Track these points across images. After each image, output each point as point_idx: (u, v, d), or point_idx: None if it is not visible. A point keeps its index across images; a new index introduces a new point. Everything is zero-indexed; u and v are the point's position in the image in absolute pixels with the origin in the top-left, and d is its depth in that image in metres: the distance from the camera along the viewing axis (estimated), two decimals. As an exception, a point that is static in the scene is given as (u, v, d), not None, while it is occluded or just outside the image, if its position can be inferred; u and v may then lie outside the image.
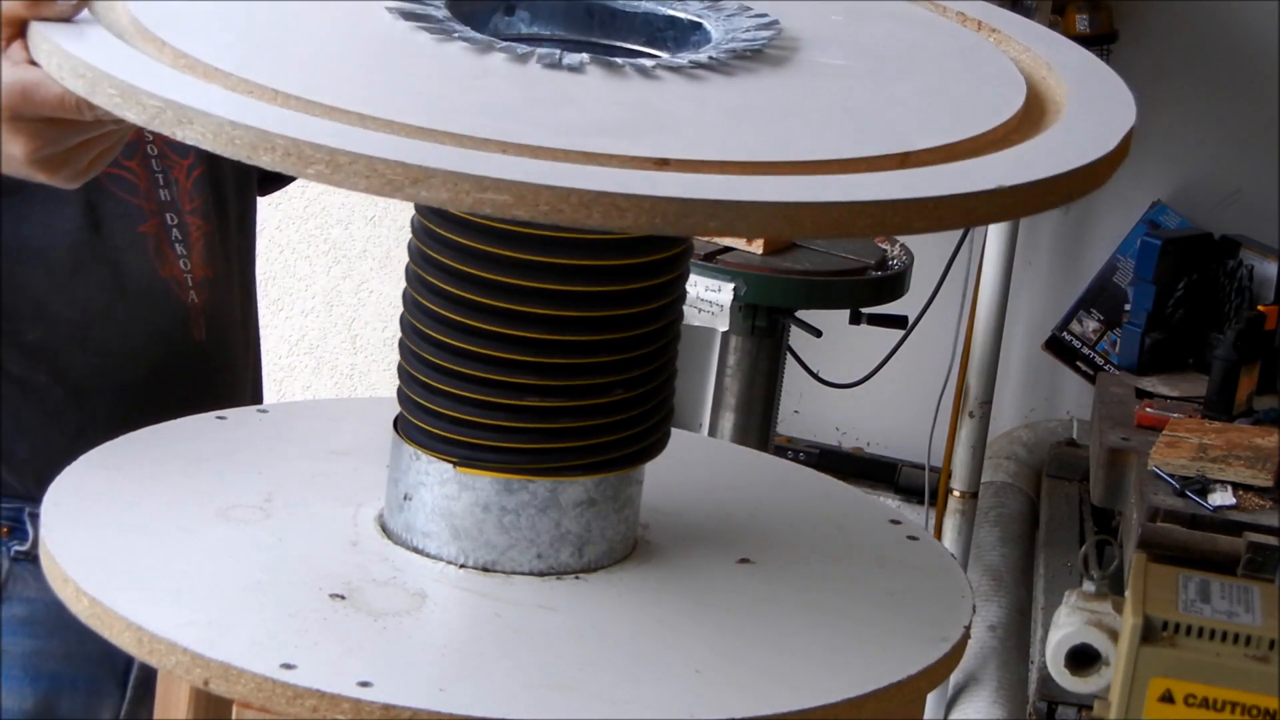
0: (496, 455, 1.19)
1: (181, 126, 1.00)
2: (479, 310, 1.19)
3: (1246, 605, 1.29)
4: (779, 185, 0.99)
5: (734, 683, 1.10)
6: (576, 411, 1.20)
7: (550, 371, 1.19)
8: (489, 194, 0.94)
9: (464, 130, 1.00)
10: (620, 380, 1.22)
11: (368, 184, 0.96)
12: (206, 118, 0.99)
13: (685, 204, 0.95)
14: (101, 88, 1.03)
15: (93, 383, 1.51)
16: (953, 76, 1.24)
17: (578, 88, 1.09)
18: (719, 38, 1.21)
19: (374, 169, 0.95)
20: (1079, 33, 3.38)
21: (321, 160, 0.96)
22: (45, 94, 1.12)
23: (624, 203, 0.94)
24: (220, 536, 1.20)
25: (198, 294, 1.56)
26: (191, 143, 1.00)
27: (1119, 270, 3.54)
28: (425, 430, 1.22)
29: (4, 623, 1.52)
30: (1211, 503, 2.33)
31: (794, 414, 3.79)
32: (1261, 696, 1.24)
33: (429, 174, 0.95)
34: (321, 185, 1.05)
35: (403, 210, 3.28)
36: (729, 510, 1.38)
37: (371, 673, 1.05)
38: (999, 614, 3.07)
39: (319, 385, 3.37)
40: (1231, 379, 2.79)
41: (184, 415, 1.43)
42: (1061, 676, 1.86)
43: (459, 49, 1.12)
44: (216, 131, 0.99)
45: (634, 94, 1.09)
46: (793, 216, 0.97)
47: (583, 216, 0.94)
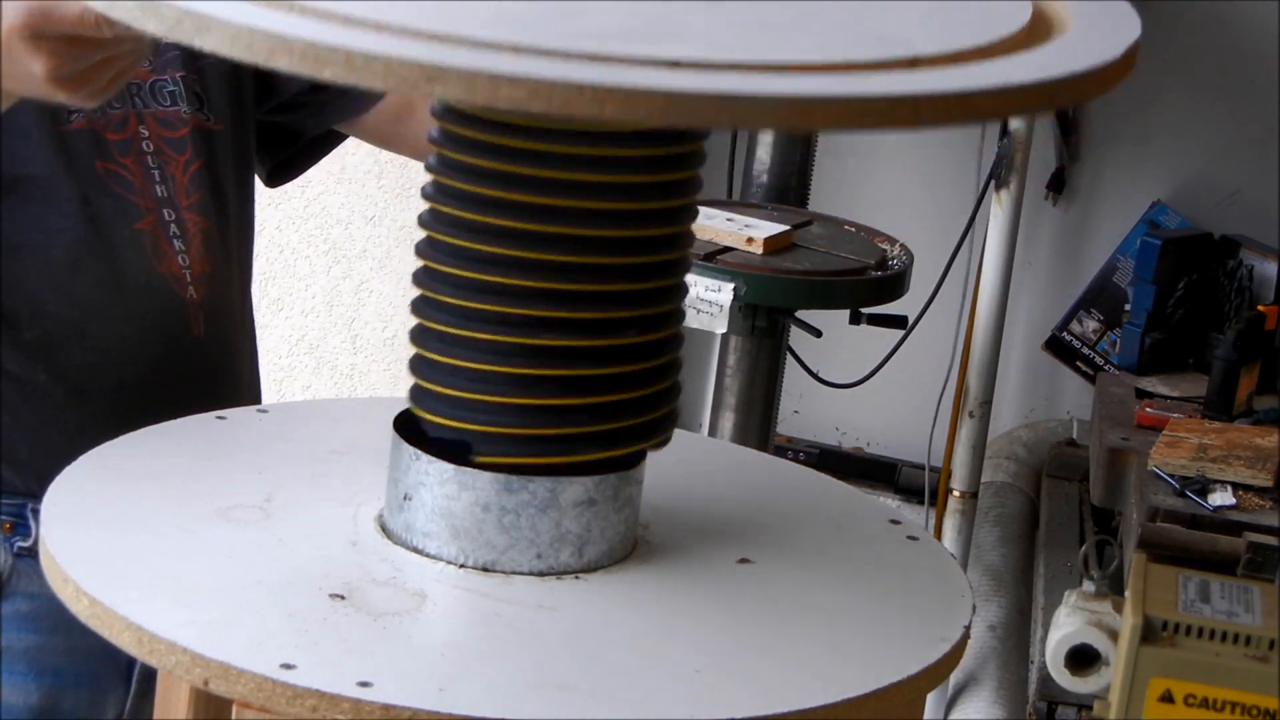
0: (507, 443, 1.20)
1: (200, 34, 1.01)
2: (496, 240, 1.20)
3: (1246, 605, 1.29)
4: (789, 81, 1.00)
5: (734, 683, 1.10)
6: (591, 357, 1.21)
7: (569, 307, 1.20)
8: (504, 89, 0.95)
9: (476, 35, 1.00)
10: (634, 319, 1.23)
11: (384, 82, 0.97)
12: (225, 25, 1.00)
13: (698, 97, 0.96)
14: (120, 1, 1.04)
15: (92, 380, 1.51)
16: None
17: (577, 5, 1.09)
18: None
19: (390, 68, 0.97)
20: (1079, 33, 3.38)
21: (338, 61, 0.97)
22: (64, 12, 1.15)
23: (637, 96, 0.95)
24: (220, 536, 1.21)
25: (196, 290, 1.56)
26: (210, 49, 1.01)
27: (1119, 270, 3.54)
28: (438, 410, 1.21)
29: (7, 618, 1.52)
30: (1211, 503, 2.33)
31: (794, 414, 3.79)
32: (1261, 696, 1.24)
33: (444, 71, 0.96)
34: (321, 186, 1.05)
35: (402, 210, 3.28)
36: (729, 510, 1.38)
37: (371, 673, 1.05)
38: (999, 614, 3.07)
39: (319, 385, 3.37)
40: (1231, 379, 2.79)
41: (184, 411, 1.43)
42: (1061, 676, 1.86)
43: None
44: (234, 37, 1.00)
45: (645, 6, 1.10)
46: (804, 109, 0.98)
47: (595, 110, 0.95)
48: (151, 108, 1.56)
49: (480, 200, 1.20)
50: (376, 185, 3.28)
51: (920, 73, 1.05)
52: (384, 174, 3.27)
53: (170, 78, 1.58)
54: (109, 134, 1.53)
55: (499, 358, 1.21)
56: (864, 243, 2.89)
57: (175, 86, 1.58)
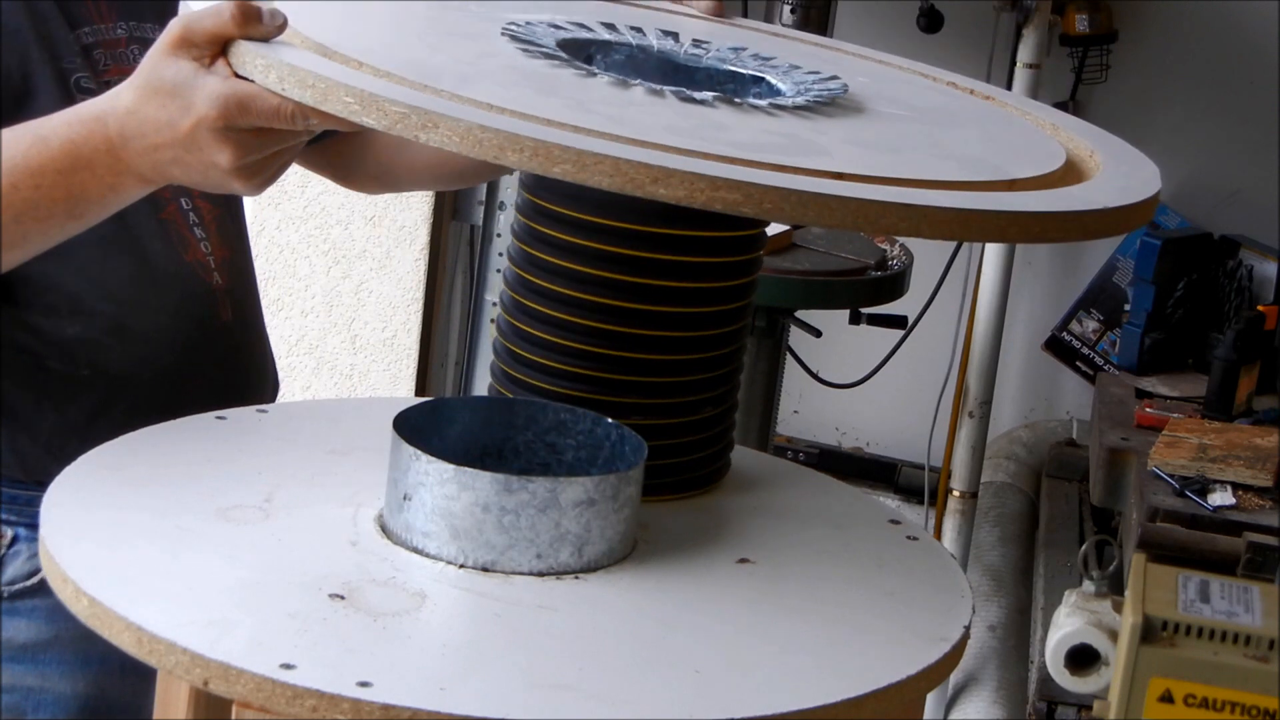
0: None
1: (426, 131, 1.06)
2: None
3: (1246, 605, 1.29)
4: (946, 196, 1.10)
5: (734, 683, 1.10)
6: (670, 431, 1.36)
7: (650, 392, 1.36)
8: (721, 192, 1.04)
9: (667, 142, 1.08)
10: (709, 398, 1.38)
11: (610, 181, 1.04)
12: (454, 121, 1.05)
13: (882, 206, 1.06)
14: (336, 95, 1.09)
15: (133, 371, 1.53)
16: (993, 127, 1.38)
17: (721, 117, 1.19)
18: (791, 89, 1.32)
19: (618, 168, 1.03)
20: (1079, 32, 3.38)
21: (569, 159, 1.04)
22: (262, 105, 1.18)
23: (834, 203, 1.05)
24: (220, 536, 1.21)
25: (220, 275, 1.58)
26: (435, 144, 1.06)
27: (1119, 270, 3.54)
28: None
29: (56, 609, 1.52)
30: (1211, 503, 2.33)
31: (794, 414, 3.79)
32: (1261, 696, 1.24)
33: (669, 174, 1.03)
34: (321, 186, 1.08)
35: (402, 210, 3.28)
36: (729, 510, 1.38)
37: (371, 673, 1.05)
38: (999, 614, 3.07)
39: (319, 385, 3.37)
40: (1231, 379, 2.79)
41: (219, 395, 1.47)
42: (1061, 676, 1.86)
43: (602, 83, 1.21)
44: (465, 134, 1.05)
45: (773, 125, 1.20)
46: (965, 220, 1.09)
47: (798, 214, 1.05)
48: None
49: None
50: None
51: (1036, 193, 1.17)
52: (384, 174, 3.27)
53: None
54: None
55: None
56: (864, 243, 2.89)
57: None
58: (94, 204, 1.29)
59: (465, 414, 1.32)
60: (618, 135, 1.08)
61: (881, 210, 1.06)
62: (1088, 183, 1.24)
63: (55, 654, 1.54)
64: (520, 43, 1.27)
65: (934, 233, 1.09)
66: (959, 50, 3.46)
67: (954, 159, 1.24)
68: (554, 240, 1.35)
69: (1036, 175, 1.22)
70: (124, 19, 1.55)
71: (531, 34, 1.30)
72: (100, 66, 1.52)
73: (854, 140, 1.22)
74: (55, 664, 1.54)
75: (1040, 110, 1.46)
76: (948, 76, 1.52)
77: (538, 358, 1.36)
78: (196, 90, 1.19)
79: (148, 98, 1.22)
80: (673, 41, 1.39)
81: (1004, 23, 3.36)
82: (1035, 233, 1.14)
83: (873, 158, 1.19)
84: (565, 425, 1.32)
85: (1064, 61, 3.44)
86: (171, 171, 1.24)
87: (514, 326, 1.38)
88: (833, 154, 1.16)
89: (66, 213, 1.29)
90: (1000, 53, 3.36)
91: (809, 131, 1.21)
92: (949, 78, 1.52)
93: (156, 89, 1.21)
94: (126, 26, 1.56)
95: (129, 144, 1.24)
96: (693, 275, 1.35)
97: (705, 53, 1.38)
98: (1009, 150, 1.31)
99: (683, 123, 1.16)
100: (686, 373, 1.37)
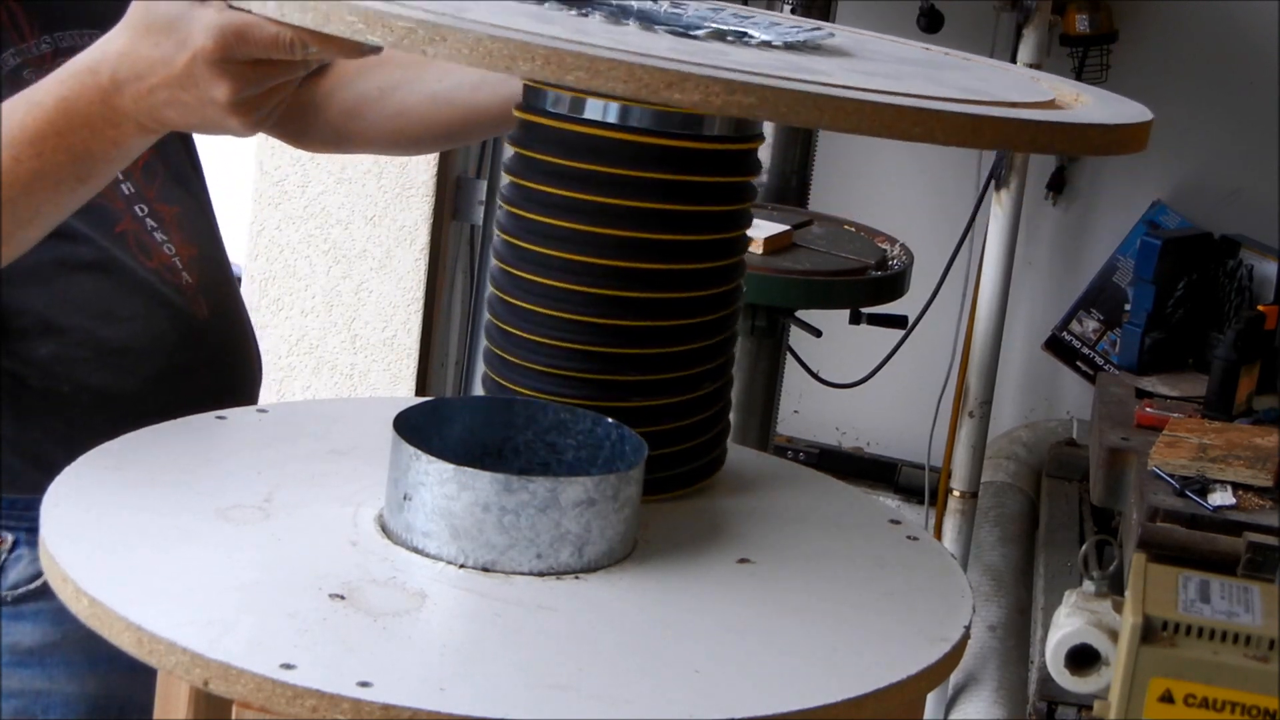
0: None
1: (434, 44, 1.03)
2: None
3: (1246, 605, 1.29)
4: (956, 105, 1.10)
5: (734, 683, 1.10)
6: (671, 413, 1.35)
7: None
8: (738, 95, 1.03)
9: (675, 61, 1.06)
10: (708, 371, 1.37)
11: (625, 87, 1.02)
12: (463, 33, 1.03)
13: (898, 109, 1.06)
14: (339, 15, 1.06)
15: (113, 383, 1.52)
16: (982, 72, 1.37)
17: (721, 48, 1.18)
18: (776, 39, 1.30)
19: (632, 73, 1.02)
20: (1079, 32, 3.38)
21: (582, 66, 1.02)
22: (260, 34, 1.14)
23: (850, 106, 1.04)
24: (220, 536, 1.21)
25: (190, 274, 1.57)
26: (444, 59, 1.03)
27: (1119, 270, 3.54)
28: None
29: (60, 611, 1.52)
30: (1211, 503, 2.33)
31: (794, 414, 3.79)
32: (1261, 696, 1.24)
33: (684, 78, 1.02)
34: (321, 186, 1.07)
35: (402, 210, 3.28)
36: (729, 510, 1.38)
37: (371, 673, 1.05)
38: (999, 614, 3.07)
39: (319, 385, 3.37)
40: (1231, 379, 2.79)
41: (208, 395, 1.46)
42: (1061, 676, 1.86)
43: (597, 20, 1.21)
44: (474, 45, 1.03)
45: (770, 56, 1.19)
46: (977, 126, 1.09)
47: (815, 118, 1.04)
48: None
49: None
50: (376, 185, 3.28)
51: (1027, 111, 1.17)
52: (384, 174, 3.27)
53: None
54: None
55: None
56: (864, 243, 2.89)
57: None
58: (99, 161, 1.26)
59: (465, 414, 1.32)
60: (625, 52, 1.06)
61: (897, 114, 1.05)
62: (1083, 108, 1.25)
63: (61, 656, 1.54)
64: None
65: (947, 138, 1.08)
66: (959, 50, 3.46)
67: (952, 88, 1.23)
68: (536, 227, 1.33)
69: (1033, 102, 1.22)
70: (46, 32, 1.52)
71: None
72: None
73: (852, 70, 1.21)
74: (62, 666, 1.54)
75: (1020, 69, 1.46)
76: (926, 46, 1.53)
77: (522, 359, 1.35)
78: (192, 23, 1.16)
79: (141, 36, 1.19)
80: (651, 1, 1.38)
81: (1004, 23, 3.36)
82: (1043, 142, 1.13)
83: (875, 82, 1.18)
84: (565, 425, 1.32)
85: (1064, 61, 3.44)
86: (168, 114, 1.21)
87: (499, 328, 1.38)
88: (835, 77, 1.16)
89: (74, 175, 1.26)
90: (1000, 53, 3.36)
91: (806, 60, 1.20)
92: (927, 46, 1.53)
93: (150, 25, 1.18)
94: (51, 39, 1.52)
95: (123, 89, 1.21)
96: (679, 256, 1.33)
97: (684, 11, 1.37)
98: (1002, 87, 1.31)
99: (684, 48, 1.15)
100: (680, 361, 1.35)
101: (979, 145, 1.16)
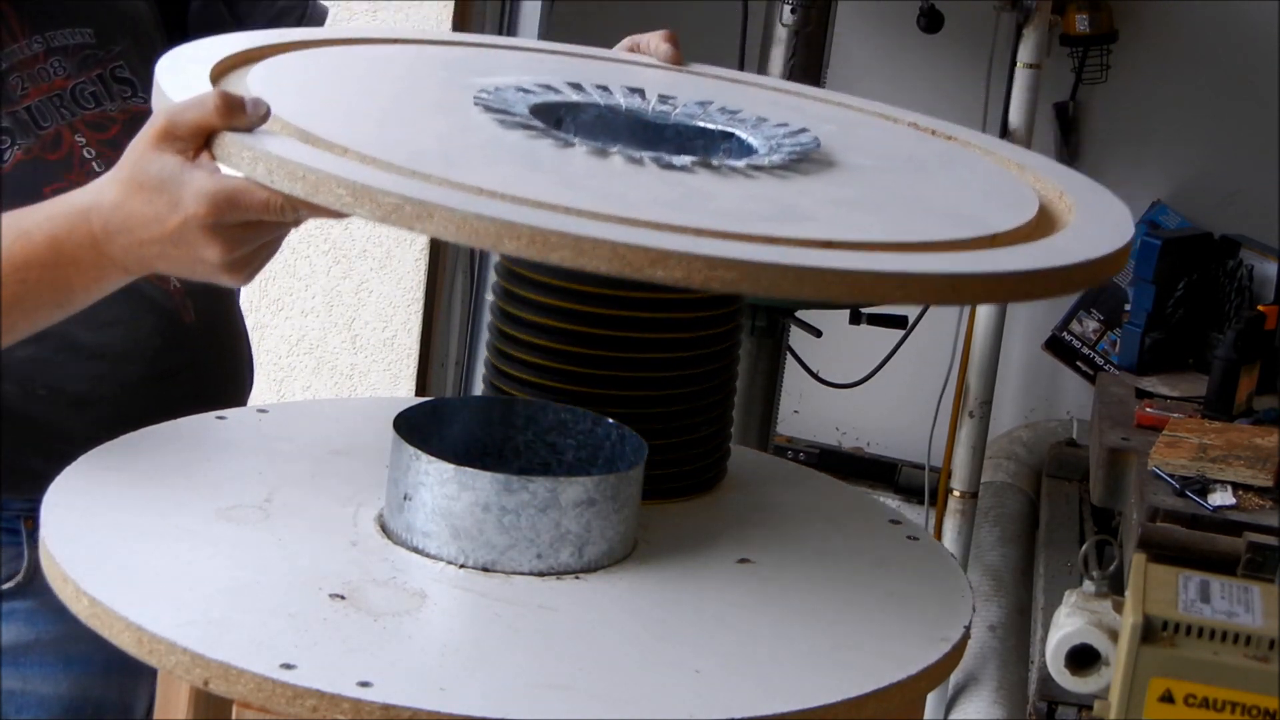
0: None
1: (421, 221, 1.05)
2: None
3: (1246, 605, 1.29)
4: (935, 260, 1.11)
5: (734, 683, 1.10)
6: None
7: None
8: (719, 271, 1.04)
9: (656, 219, 1.08)
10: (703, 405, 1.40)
11: (609, 265, 1.04)
12: (448, 211, 1.04)
13: (876, 276, 1.07)
14: (328, 188, 1.07)
15: (93, 388, 1.51)
16: (964, 173, 1.39)
17: (703, 184, 1.19)
18: (762, 144, 1.32)
19: (616, 252, 1.03)
20: (1079, 32, 3.38)
21: (566, 246, 1.03)
22: (251, 199, 1.16)
23: (830, 277, 1.06)
24: (220, 536, 1.21)
25: (178, 279, 1.56)
26: (429, 235, 1.06)
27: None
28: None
29: (35, 611, 1.52)
30: (1211, 503, 2.33)
31: (794, 414, 3.79)
32: (1261, 696, 1.24)
33: (667, 255, 1.03)
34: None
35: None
36: (729, 510, 1.38)
37: (371, 673, 1.05)
38: (999, 614, 3.07)
39: (319, 385, 3.37)
40: (1231, 379, 2.79)
41: (192, 400, 1.44)
42: (1061, 676, 1.86)
43: (581, 153, 1.21)
44: (460, 224, 1.04)
45: (755, 189, 1.20)
46: (956, 286, 1.10)
47: (797, 289, 1.06)
48: (78, 114, 1.53)
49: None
50: (376, 185, 3.27)
51: (1020, 249, 1.18)
52: (384, 174, 3.26)
53: (88, 78, 1.55)
54: (49, 156, 1.51)
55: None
56: (864, 243, 2.89)
57: (95, 86, 1.56)
58: (79, 294, 1.27)
59: (465, 414, 1.32)
60: (609, 214, 1.07)
61: (875, 281, 1.07)
62: (1066, 231, 1.24)
63: (36, 656, 1.53)
64: (494, 112, 1.27)
65: (926, 299, 1.11)
66: (959, 50, 3.46)
67: (935, 213, 1.25)
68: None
69: (1016, 227, 1.22)
70: (38, 31, 1.52)
71: (503, 102, 1.29)
72: (18, 94, 1.49)
73: (836, 200, 1.22)
74: (37, 666, 1.53)
75: (1003, 148, 1.47)
76: (908, 117, 1.53)
77: (522, 374, 1.36)
78: (184, 186, 1.17)
79: (133, 193, 1.19)
80: (639, 99, 1.39)
81: (1004, 23, 3.36)
82: (1023, 292, 1.15)
83: (857, 218, 1.20)
84: (565, 425, 1.32)
85: (1064, 61, 3.44)
86: (156, 265, 1.22)
87: (502, 333, 1.38)
88: (818, 218, 1.17)
89: (53, 303, 1.28)
90: (1000, 53, 3.36)
91: (791, 194, 1.21)
92: (909, 118, 1.53)
93: (142, 184, 1.19)
94: (43, 39, 1.52)
95: (113, 239, 1.22)
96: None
97: (672, 109, 1.38)
98: (984, 199, 1.31)
99: (668, 192, 1.16)
100: (681, 381, 1.37)
101: (958, 303, 1.18)
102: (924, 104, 1.61)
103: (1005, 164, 1.43)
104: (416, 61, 1.47)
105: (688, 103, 1.40)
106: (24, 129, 1.49)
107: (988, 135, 1.55)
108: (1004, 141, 1.54)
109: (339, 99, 1.32)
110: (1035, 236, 1.23)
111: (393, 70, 1.43)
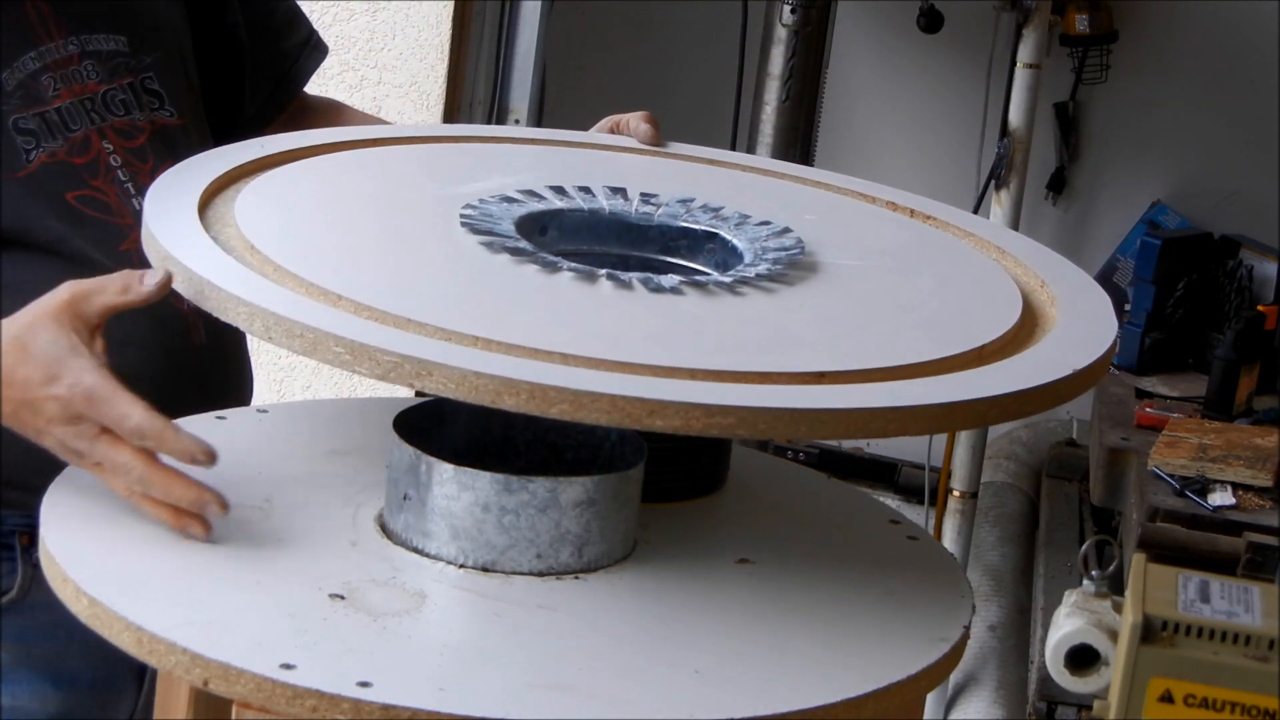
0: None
1: (420, 379, 1.07)
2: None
3: (1246, 605, 1.29)
4: (926, 388, 1.14)
5: (734, 683, 1.10)
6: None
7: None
8: (716, 419, 1.07)
9: (651, 360, 1.10)
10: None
11: (608, 418, 1.06)
12: (447, 369, 1.06)
13: (870, 413, 1.10)
14: (326, 346, 1.09)
15: None
16: (944, 267, 1.42)
17: (692, 308, 1.22)
18: (746, 246, 1.35)
19: (614, 404, 1.06)
20: (1079, 32, 3.38)
21: (566, 400, 1.06)
22: (109, 411, 1.19)
23: (825, 417, 1.09)
24: (220, 536, 1.21)
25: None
26: (431, 391, 1.07)
27: (1119, 270, 3.54)
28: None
29: (27, 628, 1.52)
30: (1211, 503, 2.33)
31: (794, 414, 3.78)
32: (1261, 696, 1.24)
33: (665, 406, 1.06)
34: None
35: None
36: (729, 510, 1.38)
37: (371, 673, 1.05)
38: (999, 614, 3.07)
39: (319, 385, 3.36)
40: (1231, 379, 2.79)
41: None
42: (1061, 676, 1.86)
43: (568, 279, 1.23)
44: (460, 381, 1.06)
45: (744, 309, 1.23)
46: (950, 414, 1.13)
47: (793, 430, 1.10)
48: (108, 120, 1.53)
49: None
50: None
51: (1008, 364, 1.21)
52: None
53: (119, 85, 1.55)
54: (75, 159, 1.50)
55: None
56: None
57: (126, 94, 1.55)
58: None
59: (465, 414, 1.32)
60: (605, 360, 1.10)
61: (870, 417, 1.10)
62: (1051, 335, 1.27)
63: (25, 674, 1.52)
64: (480, 234, 1.29)
65: (920, 430, 1.13)
66: (959, 50, 3.46)
67: (922, 326, 1.27)
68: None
69: (1000, 335, 1.25)
70: (74, 33, 1.51)
71: (488, 218, 1.32)
72: (49, 94, 1.49)
73: (823, 318, 1.25)
74: (25, 684, 1.52)
75: (982, 227, 1.50)
76: (886, 195, 1.55)
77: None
78: (66, 369, 1.20)
79: (16, 351, 1.21)
80: (622, 200, 1.40)
81: (1004, 23, 3.36)
82: (1013, 412, 1.18)
83: (847, 341, 1.23)
84: (565, 425, 1.32)
85: (1064, 61, 3.44)
86: (3, 411, 1.23)
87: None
88: (808, 341, 1.20)
89: None
90: (1000, 53, 3.36)
91: (778, 312, 1.24)
92: (888, 196, 1.55)
93: (27, 346, 1.21)
94: (78, 41, 1.52)
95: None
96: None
97: (656, 209, 1.40)
98: (968, 300, 1.34)
99: (659, 323, 1.19)
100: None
101: (951, 430, 1.19)
102: (924, 104, 1.61)
103: (985, 248, 1.45)
104: (401, 170, 1.49)
105: (669, 201, 1.42)
106: (52, 131, 1.49)
107: (965, 213, 1.57)
108: (982, 219, 1.58)
109: (326, 228, 1.34)
110: (1020, 340, 1.26)
111: (378, 185, 1.46)
